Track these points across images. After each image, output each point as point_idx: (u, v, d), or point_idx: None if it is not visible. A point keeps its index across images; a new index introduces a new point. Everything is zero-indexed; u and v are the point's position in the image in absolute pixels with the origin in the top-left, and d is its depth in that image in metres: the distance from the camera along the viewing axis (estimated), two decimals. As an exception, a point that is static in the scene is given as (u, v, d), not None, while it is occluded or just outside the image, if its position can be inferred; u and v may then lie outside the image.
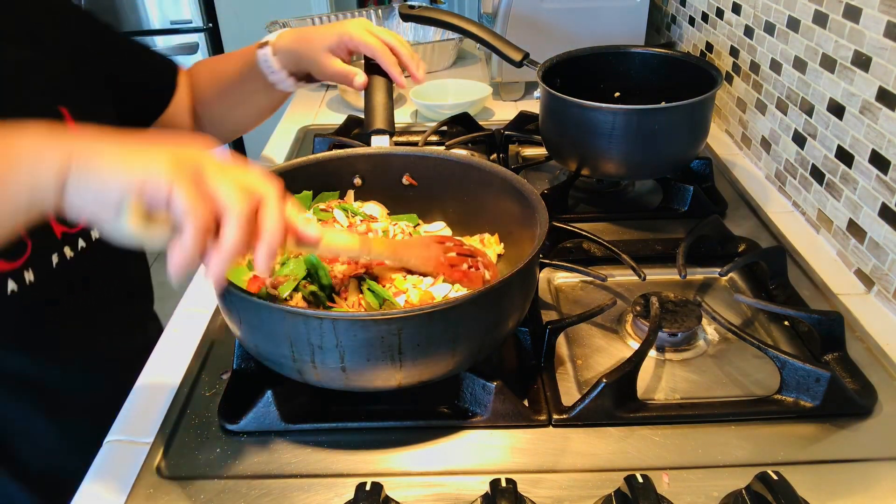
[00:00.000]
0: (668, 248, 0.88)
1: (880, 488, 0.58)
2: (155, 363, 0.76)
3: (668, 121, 0.91)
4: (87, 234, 0.79)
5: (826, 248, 0.91)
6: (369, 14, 1.78)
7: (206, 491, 0.59)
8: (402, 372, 0.58)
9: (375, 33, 0.93)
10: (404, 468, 0.61)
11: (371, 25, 0.94)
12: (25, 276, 0.70)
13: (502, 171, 0.76)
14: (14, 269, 0.70)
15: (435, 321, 0.56)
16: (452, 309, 0.57)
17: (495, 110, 1.40)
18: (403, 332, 0.56)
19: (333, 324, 0.55)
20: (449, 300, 0.57)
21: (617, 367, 0.65)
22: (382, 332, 0.55)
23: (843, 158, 0.87)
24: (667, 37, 1.52)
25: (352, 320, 0.55)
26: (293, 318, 0.56)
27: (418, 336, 0.56)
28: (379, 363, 0.57)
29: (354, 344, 0.56)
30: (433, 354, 0.58)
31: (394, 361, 0.57)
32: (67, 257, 0.76)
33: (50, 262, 0.74)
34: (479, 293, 0.58)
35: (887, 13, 0.77)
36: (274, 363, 0.62)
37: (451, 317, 0.57)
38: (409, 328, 0.56)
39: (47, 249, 0.74)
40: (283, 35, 0.96)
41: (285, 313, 0.56)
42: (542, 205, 0.68)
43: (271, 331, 0.58)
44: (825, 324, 0.70)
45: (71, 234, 0.77)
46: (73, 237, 0.78)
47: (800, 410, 0.64)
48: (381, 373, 0.58)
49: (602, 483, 0.58)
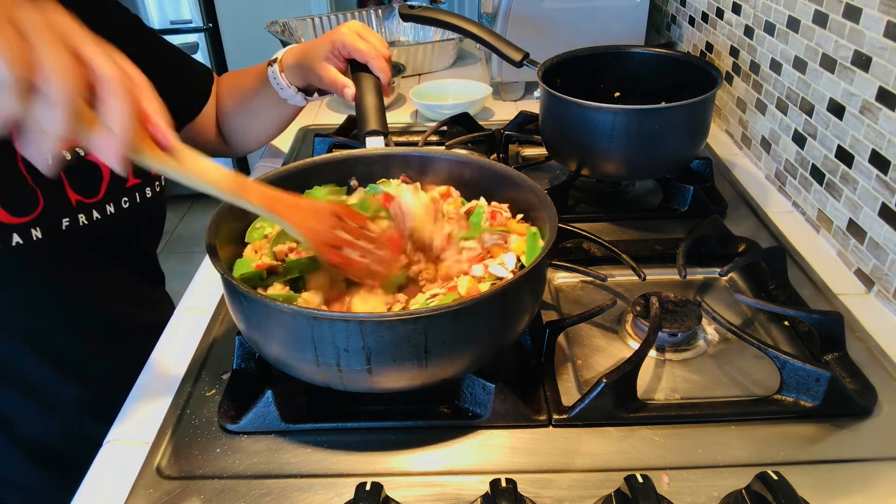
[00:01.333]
0: (668, 248, 0.88)
1: (880, 488, 0.58)
2: (155, 363, 0.76)
3: (668, 121, 0.91)
4: (101, 206, 0.80)
5: (826, 248, 0.91)
6: (369, 14, 1.78)
7: (206, 491, 0.59)
8: (427, 371, 0.58)
9: (366, 37, 0.95)
10: (404, 468, 0.61)
11: (362, 29, 0.96)
12: (32, 233, 0.72)
13: (509, 170, 0.76)
14: (21, 224, 0.71)
15: (460, 319, 0.57)
16: (476, 306, 0.57)
17: (495, 110, 1.40)
18: (430, 332, 0.56)
19: (360, 325, 0.55)
20: (473, 297, 0.57)
21: (617, 367, 0.65)
22: (409, 331, 0.55)
23: (843, 158, 0.87)
24: (667, 37, 1.52)
25: (379, 321, 0.55)
26: (318, 321, 0.55)
27: (445, 334, 0.57)
28: (405, 363, 0.57)
29: (381, 345, 0.56)
30: (458, 352, 0.59)
31: (420, 361, 0.57)
32: (80, 223, 0.77)
33: (59, 224, 0.75)
34: (502, 288, 0.58)
35: (887, 13, 0.76)
36: (294, 368, 0.61)
37: (475, 314, 0.58)
38: (436, 327, 0.56)
39: (59, 212, 0.75)
40: (289, 51, 1.01)
41: (310, 317, 0.56)
42: (550, 203, 0.69)
43: (294, 336, 0.57)
44: (825, 324, 0.70)
45: (85, 203, 0.78)
46: (88, 206, 0.79)
47: (800, 410, 0.64)
48: (407, 373, 0.58)
49: (602, 483, 0.58)
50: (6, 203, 0.70)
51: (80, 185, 0.78)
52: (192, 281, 0.89)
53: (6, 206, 0.70)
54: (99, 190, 0.80)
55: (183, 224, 3.20)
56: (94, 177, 0.80)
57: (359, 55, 0.94)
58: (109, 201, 0.81)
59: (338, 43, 0.94)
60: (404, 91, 1.46)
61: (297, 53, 1.00)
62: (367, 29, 0.97)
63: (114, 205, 0.82)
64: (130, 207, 0.84)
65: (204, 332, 0.79)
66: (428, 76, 1.61)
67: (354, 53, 0.94)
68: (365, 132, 0.89)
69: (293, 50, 1.01)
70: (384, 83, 0.95)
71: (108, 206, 0.81)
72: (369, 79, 0.95)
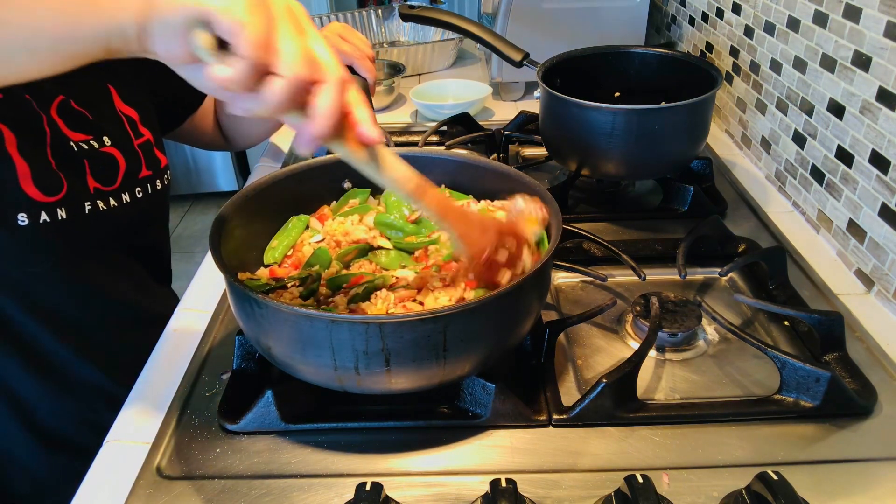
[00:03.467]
0: (668, 248, 0.88)
1: (880, 488, 0.58)
2: (155, 363, 0.76)
3: (668, 121, 0.91)
4: (118, 195, 0.84)
5: (826, 248, 0.91)
6: (369, 14, 1.78)
7: (206, 491, 0.59)
8: (445, 369, 0.59)
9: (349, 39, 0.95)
10: (404, 468, 0.61)
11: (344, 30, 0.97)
12: (58, 213, 0.76)
13: (511, 170, 0.76)
14: (49, 203, 0.75)
15: (477, 316, 0.57)
16: (493, 302, 0.57)
17: (495, 110, 1.40)
18: (448, 330, 0.56)
19: (380, 327, 0.55)
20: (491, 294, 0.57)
21: (617, 367, 0.65)
22: (428, 330, 0.55)
23: (843, 158, 0.87)
24: (667, 37, 1.52)
25: (399, 322, 0.55)
26: (337, 325, 0.55)
27: (462, 332, 0.57)
28: (424, 363, 0.57)
29: (400, 345, 0.56)
30: (474, 350, 0.59)
31: (438, 359, 0.57)
32: (100, 208, 0.81)
33: (83, 207, 0.79)
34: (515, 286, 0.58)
35: (887, 13, 0.76)
36: (308, 374, 0.61)
37: (491, 311, 0.58)
38: (454, 325, 0.56)
39: (80, 197, 0.79)
40: None
41: (328, 321, 0.55)
42: (553, 203, 0.69)
43: (311, 341, 0.57)
44: (825, 324, 0.70)
45: (103, 190, 0.82)
46: (105, 194, 0.82)
47: (800, 410, 0.64)
48: (426, 372, 0.58)
49: (602, 483, 0.58)
50: (38, 182, 0.74)
51: (99, 174, 0.82)
52: (192, 281, 0.90)
53: (38, 184, 0.75)
54: (116, 179, 0.84)
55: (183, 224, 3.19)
56: (112, 166, 0.84)
57: (343, 57, 0.95)
58: (125, 190, 0.85)
59: None
60: (404, 91, 1.46)
61: None
62: (350, 30, 0.98)
63: (128, 194, 0.85)
64: (143, 198, 0.88)
65: (204, 332, 0.79)
66: (428, 76, 1.61)
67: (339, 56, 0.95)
68: None
69: None
70: (370, 83, 0.96)
71: (124, 194, 0.85)
72: (355, 80, 0.95)
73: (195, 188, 3.24)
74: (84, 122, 0.82)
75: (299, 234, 0.76)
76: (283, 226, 0.77)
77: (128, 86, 0.90)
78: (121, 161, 0.85)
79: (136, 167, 0.87)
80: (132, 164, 0.86)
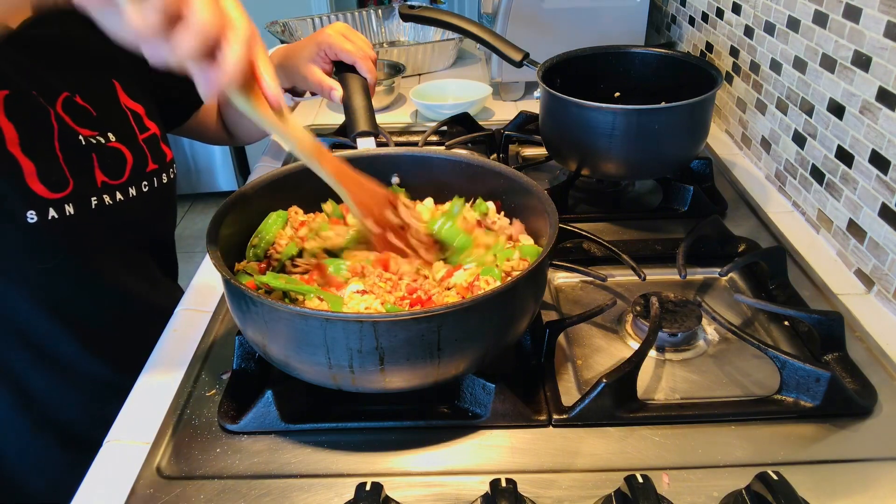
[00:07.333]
0: (668, 248, 0.88)
1: (880, 488, 0.58)
2: (155, 363, 0.76)
3: (668, 121, 0.91)
4: (125, 189, 0.85)
5: (826, 248, 0.91)
6: (369, 14, 1.78)
7: (206, 491, 0.59)
8: (439, 369, 0.59)
9: (352, 39, 0.96)
10: (404, 468, 0.61)
11: (346, 30, 0.97)
12: (66, 209, 0.77)
13: (508, 169, 0.76)
14: (56, 199, 0.76)
15: (471, 315, 0.57)
16: (487, 302, 0.57)
17: (495, 110, 1.40)
18: (443, 329, 0.56)
19: (374, 326, 0.55)
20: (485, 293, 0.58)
21: (617, 367, 0.65)
22: (423, 329, 0.56)
23: (843, 158, 0.87)
24: (667, 37, 1.52)
25: (393, 321, 0.55)
26: (332, 324, 0.55)
27: (456, 331, 0.57)
28: (419, 361, 0.57)
29: (395, 344, 0.56)
30: (468, 349, 0.59)
31: (433, 358, 0.57)
32: (107, 203, 0.82)
33: (90, 203, 0.80)
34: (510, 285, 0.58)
35: (887, 13, 0.76)
36: (303, 372, 0.61)
37: (485, 310, 0.58)
38: (449, 324, 0.56)
39: (87, 192, 0.80)
40: (274, 53, 1.05)
41: (322, 320, 0.56)
42: (550, 202, 0.69)
43: (305, 339, 0.57)
44: (825, 324, 0.70)
45: (111, 184, 0.83)
46: (113, 188, 0.83)
47: (800, 410, 0.64)
48: (421, 371, 0.58)
49: (602, 483, 0.58)
50: (43, 179, 0.75)
51: (107, 167, 0.83)
52: (192, 281, 0.90)
53: (44, 181, 0.75)
54: (123, 172, 0.85)
55: (183, 224, 3.19)
56: (120, 160, 0.85)
57: (346, 56, 0.96)
58: (132, 184, 0.86)
59: (324, 45, 0.96)
60: (404, 91, 1.46)
61: (283, 54, 1.02)
62: (352, 30, 0.98)
63: (135, 188, 0.86)
64: (149, 191, 0.88)
65: (204, 332, 0.79)
66: (428, 76, 1.61)
67: (342, 55, 0.96)
68: (355, 133, 0.89)
69: (279, 51, 1.04)
70: (371, 84, 0.96)
71: (131, 188, 0.85)
72: (357, 80, 0.95)
73: (195, 188, 3.24)
74: (89, 118, 0.82)
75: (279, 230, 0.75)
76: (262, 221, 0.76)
77: (133, 81, 0.91)
78: (128, 155, 0.86)
79: (142, 161, 0.87)
80: (138, 159, 0.87)
